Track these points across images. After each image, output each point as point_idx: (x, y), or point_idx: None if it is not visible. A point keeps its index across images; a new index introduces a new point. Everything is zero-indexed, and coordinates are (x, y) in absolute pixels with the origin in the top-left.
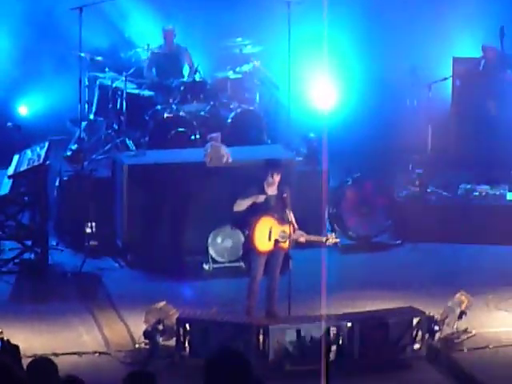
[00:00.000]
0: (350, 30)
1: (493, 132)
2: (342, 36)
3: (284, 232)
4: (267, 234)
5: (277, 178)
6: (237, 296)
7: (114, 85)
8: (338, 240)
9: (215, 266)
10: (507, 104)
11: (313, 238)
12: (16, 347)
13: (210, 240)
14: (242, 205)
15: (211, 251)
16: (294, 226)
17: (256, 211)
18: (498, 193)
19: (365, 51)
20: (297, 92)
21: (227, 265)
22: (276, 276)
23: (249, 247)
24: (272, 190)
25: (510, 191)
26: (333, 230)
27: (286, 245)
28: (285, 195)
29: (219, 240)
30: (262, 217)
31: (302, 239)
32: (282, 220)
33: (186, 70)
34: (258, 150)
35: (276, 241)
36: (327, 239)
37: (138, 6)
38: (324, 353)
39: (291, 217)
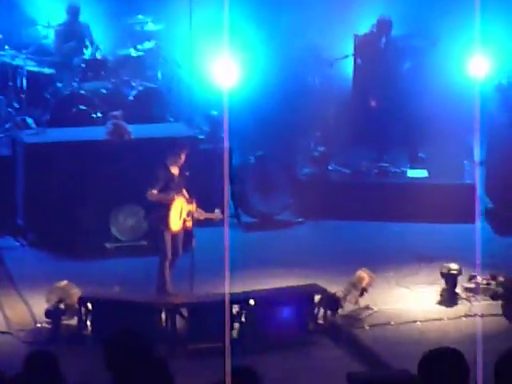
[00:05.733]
0: (252, 9)
1: (393, 110)
2: (244, 14)
3: (190, 211)
4: (179, 214)
5: (184, 156)
6: (139, 275)
7: (14, 62)
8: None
9: (117, 244)
10: (407, 82)
11: (208, 215)
12: None
13: (112, 219)
14: (154, 196)
15: (113, 230)
16: (196, 205)
17: (165, 190)
18: (398, 170)
19: (266, 30)
20: (199, 70)
21: (130, 244)
22: (179, 254)
23: (162, 227)
24: (177, 169)
25: (410, 168)
26: (236, 208)
27: (190, 223)
28: (187, 173)
29: (121, 219)
30: (175, 197)
31: (201, 217)
32: (188, 199)
33: (87, 48)
34: (160, 128)
35: (184, 220)
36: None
37: None
38: (227, 330)
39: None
